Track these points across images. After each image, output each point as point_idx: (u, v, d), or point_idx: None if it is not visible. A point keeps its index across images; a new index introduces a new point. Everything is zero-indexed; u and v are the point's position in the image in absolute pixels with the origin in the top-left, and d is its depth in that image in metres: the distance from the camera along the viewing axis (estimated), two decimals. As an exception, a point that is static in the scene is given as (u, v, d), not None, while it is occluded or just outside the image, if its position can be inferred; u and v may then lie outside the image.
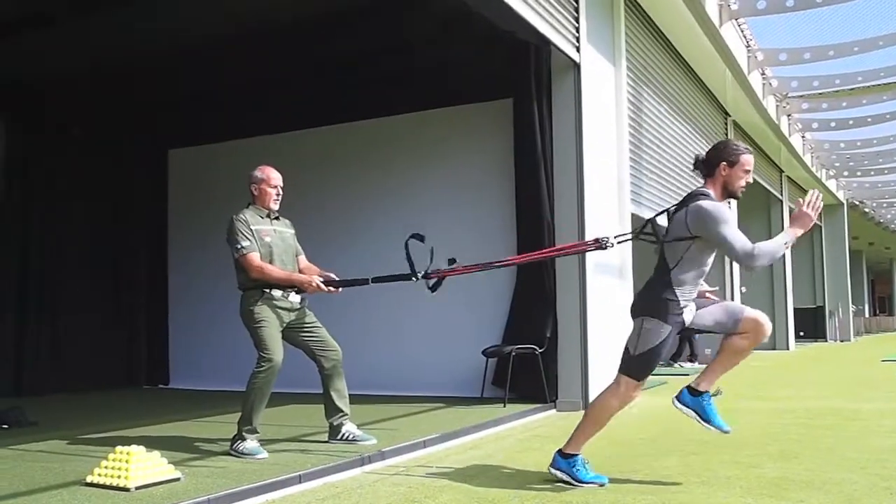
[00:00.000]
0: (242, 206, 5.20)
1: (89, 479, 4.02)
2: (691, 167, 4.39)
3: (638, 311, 4.16)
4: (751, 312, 4.11)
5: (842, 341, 24.91)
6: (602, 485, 4.13)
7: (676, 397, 4.28)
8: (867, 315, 43.86)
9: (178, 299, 10.58)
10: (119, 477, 3.91)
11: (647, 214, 8.83)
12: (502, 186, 8.35)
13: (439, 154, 9.02)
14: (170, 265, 10.72)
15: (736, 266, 14.27)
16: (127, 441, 4.27)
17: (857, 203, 27.73)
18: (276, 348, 4.91)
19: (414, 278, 4.68)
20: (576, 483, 4.15)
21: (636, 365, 4.11)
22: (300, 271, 5.23)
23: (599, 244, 4.44)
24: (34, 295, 9.50)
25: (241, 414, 4.90)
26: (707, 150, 4.34)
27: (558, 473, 4.21)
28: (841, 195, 25.09)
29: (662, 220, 4.33)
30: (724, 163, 4.15)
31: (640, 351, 4.08)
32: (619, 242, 4.48)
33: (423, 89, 8.93)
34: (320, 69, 9.12)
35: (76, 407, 8.16)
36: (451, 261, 4.70)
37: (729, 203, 4.72)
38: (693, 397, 4.24)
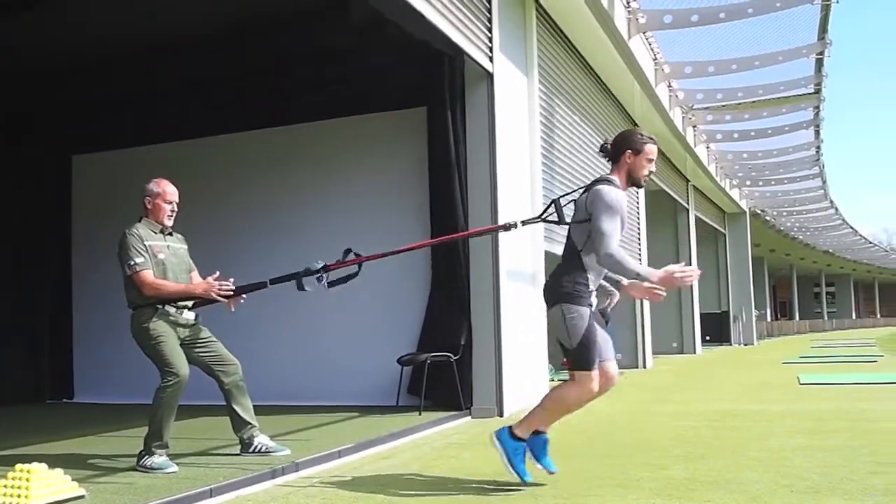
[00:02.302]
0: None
1: (-13, 499, 3.86)
2: (598, 151, 4.52)
3: (552, 298, 4.20)
4: (612, 365, 4.25)
5: (745, 345, 25.78)
6: (524, 481, 4.19)
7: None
8: (769, 319, 45.51)
9: (84, 310, 10.21)
10: (19, 496, 3.75)
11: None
12: (417, 193, 8.38)
13: (354, 161, 8.98)
14: (74, 276, 10.34)
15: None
16: (28, 459, 4.10)
17: (759, 212, 28.77)
18: (181, 363, 4.77)
19: (314, 275, 4.68)
20: (507, 465, 4.21)
21: (580, 355, 4.10)
22: None
23: (506, 227, 4.56)
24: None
25: (147, 430, 4.74)
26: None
27: (498, 446, 4.25)
28: (744, 204, 25.99)
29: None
30: (630, 150, 4.28)
31: (576, 341, 4.08)
32: (524, 224, 4.59)
33: (339, 97, 8.89)
34: (235, 76, 8.98)
35: (-27, 424, 7.80)
36: (347, 251, 4.71)
37: (637, 192, 4.88)
38: (532, 435, 4.31)
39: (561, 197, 4.54)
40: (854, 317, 65.93)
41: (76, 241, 10.38)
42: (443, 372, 7.53)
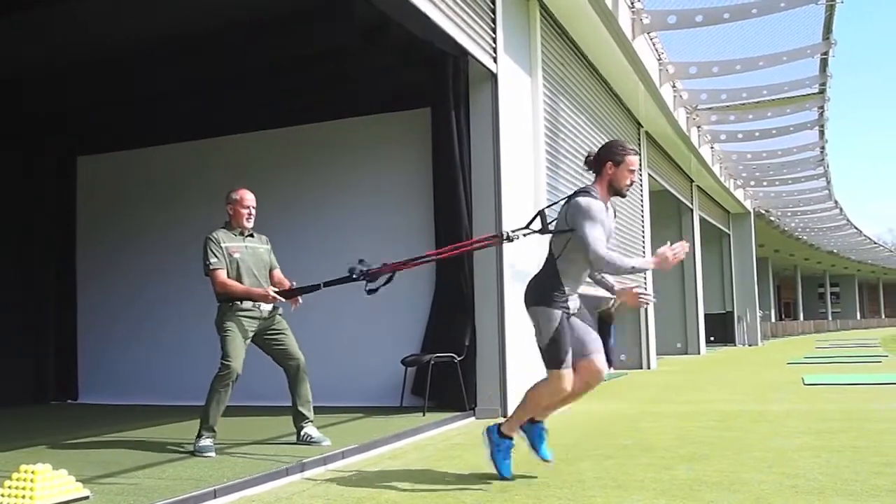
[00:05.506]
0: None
1: (-9, 499, 3.86)
2: (583, 164, 4.60)
3: (529, 301, 4.43)
4: (598, 358, 4.36)
5: (750, 345, 25.73)
6: (505, 478, 4.39)
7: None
8: (773, 320, 45.49)
9: (88, 312, 10.20)
10: (24, 497, 3.75)
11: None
12: (421, 194, 8.37)
13: (359, 162, 8.98)
14: (79, 277, 10.34)
15: (650, 272, 14.57)
16: (32, 459, 4.11)
17: (763, 212, 28.73)
18: (236, 356, 5.24)
19: (361, 279, 4.93)
20: (489, 458, 4.48)
21: (550, 354, 4.32)
22: (274, 284, 5.58)
23: (502, 238, 4.69)
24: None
25: (200, 414, 5.27)
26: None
27: (485, 441, 4.53)
28: (748, 204, 25.94)
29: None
30: (610, 162, 4.36)
31: (546, 341, 4.31)
32: (515, 233, 4.63)
33: (342, 98, 8.90)
34: (238, 77, 8.97)
35: (-22, 424, 7.82)
36: (361, 261, 4.98)
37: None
38: (529, 424, 4.55)
39: (546, 208, 4.64)
40: (858, 317, 65.88)
41: (80, 243, 10.39)
42: (447, 373, 7.52)
